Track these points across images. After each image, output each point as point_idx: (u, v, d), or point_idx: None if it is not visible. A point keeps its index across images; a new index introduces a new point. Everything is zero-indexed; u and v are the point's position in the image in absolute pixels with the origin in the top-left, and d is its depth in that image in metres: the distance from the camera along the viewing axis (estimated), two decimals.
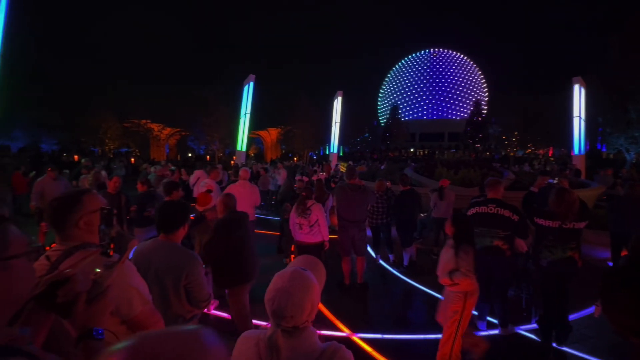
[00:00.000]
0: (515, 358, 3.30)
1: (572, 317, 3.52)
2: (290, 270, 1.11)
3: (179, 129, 35.12)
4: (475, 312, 3.84)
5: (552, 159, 29.79)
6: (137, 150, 33.94)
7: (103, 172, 8.08)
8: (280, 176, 10.80)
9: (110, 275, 0.98)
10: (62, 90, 33.00)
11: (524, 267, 3.94)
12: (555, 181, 5.80)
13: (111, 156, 29.25)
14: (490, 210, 3.44)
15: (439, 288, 4.69)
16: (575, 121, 14.84)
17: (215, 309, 3.96)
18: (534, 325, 3.52)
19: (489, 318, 3.71)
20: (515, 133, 39.05)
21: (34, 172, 9.81)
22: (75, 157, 23.83)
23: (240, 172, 5.45)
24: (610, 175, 12.32)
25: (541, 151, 38.68)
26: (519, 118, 35.01)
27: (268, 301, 1.06)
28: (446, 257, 2.85)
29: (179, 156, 36.47)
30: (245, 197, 5.10)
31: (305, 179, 6.48)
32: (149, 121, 32.17)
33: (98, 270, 0.98)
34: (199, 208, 4.35)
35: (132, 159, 27.06)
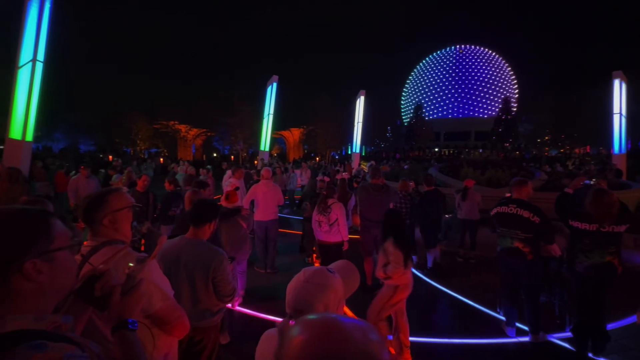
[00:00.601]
0: None
1: (610, 326, 3.31)
2: (316, 268, 1.12)
3: (204, 130, 36.22)
4: (503, 318, 3.72)
5: (588, 158, 28.06)
6: (165, 150, 35.35)
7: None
8: (305, 176, 10.97)
9: (142, 269, 1.04)
10: (98, 94, 35.03)
11: (558, 272, 3.74)
12: (592, 182, 5.47)
13: (142, 156, 30.65)
14: (510, 210, 3.32)
15: (463, 291, 4.59)
16: (616, 118, 13.90)
17: (240, 305, 4.05)
18: (568, 334, 3.34)
19: (518, 324, 3.56)
20: (548, 131, 37.09)
21: (74, 172, 10.48)
22: (110, 157, 25.15)
23: (263, 172, 5.55)
24: None
25: (577, 150, 36.52)
26: (552, 115, 33.23)
27: (289, 300, 1.08)
28: (381, 251, 3.02)
29: (204, 156, 37.58)
30: (269, 196, 5.20)
31: (327, 179, 6.48)
32: (176, 122, 33.43)
33: (131, 264, 1.04)
34: (227, 205, 4.44)
35: (161, 159, 28.20)
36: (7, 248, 0.71)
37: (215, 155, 38.95)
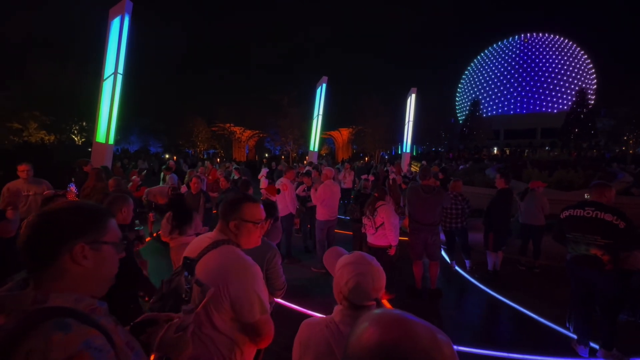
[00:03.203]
0: None
1: None
2: (357, 254, 1.22)
3: (257, 132, 38.00)
4: (574, 335, 3.34)
5: None
6: (222, 151, 37.80)
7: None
8: (349, 178, 10.71)
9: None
10: (165, 100, 38.78)
11: None
12: None
13: (201, 157, 33.18)
14: (588, 214, 2.98)
15: (527, 303, 4.22)
16: None
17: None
18: None
19: (593, 344, 3.17)
20: (634, 126, 32.05)
21: (145, 171, 11.76)
22: (174, 157, 27.67)
23: (326, 172, 5.69)
24: None
25: None
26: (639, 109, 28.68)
27: (360, 283, 1.13)
28: None
29: (257, 157, 39.41)
30: (336, 196, 5.49)
31: (372, 178, 6.39)
32: (232, 125, 35.56)
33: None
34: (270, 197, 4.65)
35: (218, 159, 30.19)
36: (66, 229, 0.82)
37: (266, 155, 40.62)
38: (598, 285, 2.98)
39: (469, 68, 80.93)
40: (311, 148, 16.42)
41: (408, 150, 19.04)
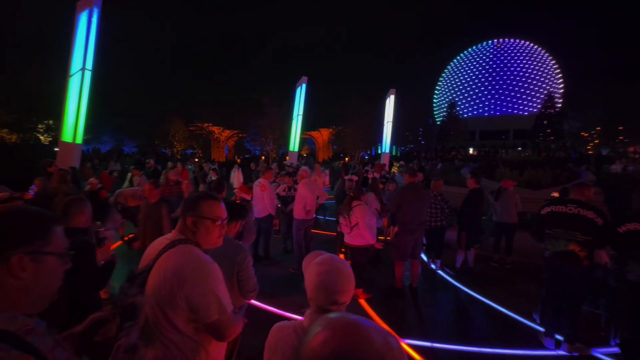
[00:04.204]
0: None
1: None
2: (327, 256, 1.20)
3: (236, 131, 37.44)
4: (540, 328, 3.48)
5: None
6: (200, 151, 36.95)
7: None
8: (319, 181, 10.67)
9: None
10: (140, 99, 37.53)
11: (604, 281, 3.43)
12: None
13: (178, 157, 32.30)
14: (570, 210, 3.08)
15: (498, 298, 4.35)
16: None
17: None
18: (614, 349, 3.06)
19: (558, 336, 3.31)
20: (599, 129, 34.11)
21: (116, 172, 11.28)
22: (145, 158, 26.82)
23: (302, 172, 5.68)
24: None
25: (631, 148, 33.31)
26: (604, 111, 30.53)
27: (322, 282, 1.12)
28: None
29: (236, 157, 38.80)
30: (315, 195, 5.47)
31: (355, 178, 6.44)
32: (210, 124, 34.85)
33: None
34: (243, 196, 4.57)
35: (196, 159, 29.49)
36: (2, 237, 0.74)
37: (247, 156, 40.07)
38: (573, 280, 3.09)
39: (445, 70, 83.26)
40: (291, 148, 16.36)
41: (387, 151, 19.34)
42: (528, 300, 4.02)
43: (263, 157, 31.88)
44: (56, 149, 9.31)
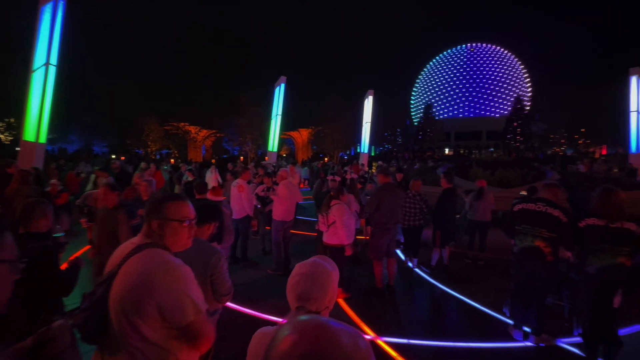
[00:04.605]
0: None
1: (623, 331, 3.18)
2: (311, 260, 1.20)
3: (214, 131, 36.66)
4: (509, 321, 3.63)
5: (603, 158, 27.26)
6: (176, 151, 35.88)
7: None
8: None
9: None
10: (111, 97, 35.97)
11: (566, 275, 3.63)
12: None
13: (152, 157, 31.24)
14: (539, 208, 3.24)
15: (471, 294, 4.50)
16: (633, 116, 13.49)
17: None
18: (577, 339, 3.24)
19: (526, 328, 3.47)
20: (563, 130, 36.20)
21: (84, 173, 10.73)
22: (122, 157, 25.68)
23: (281, 173, 5.62)
24: None
25: (593, 149, 35.54)
26: (568, 114, 32.42)
27: (293, 285, 1.12)
28: None
29: (213, 157, 38.01)
30: (294, 196, 5.41)
31: (338, 178, 6.46)
32: (187, 124, 33.92)
33: None
34: (213, 198, 4.48)
35: (172, 160, 28.62)
36: None
37: (225, 156, 39.33)
38: (539, 275, 3.24)
39: (422, 73, 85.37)
40: (270, 148, 16.21)
41: (366, 151, 19.58)
42: (499, 295, 4.18)
43: (242, 158, 31.44)
44: (18, 149, 8.74)
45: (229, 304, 3.91)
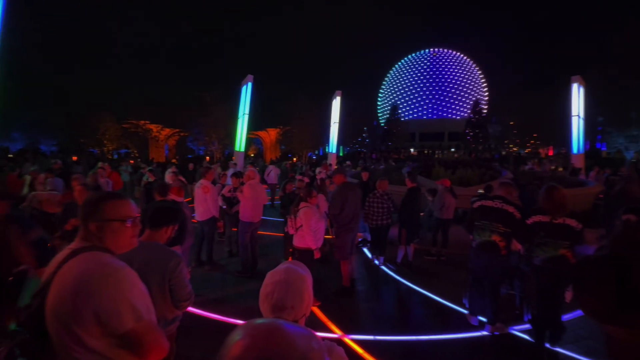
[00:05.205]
0: (508, 357, 3.27)
1: (566, 317, 3.48)
2: (284, 266, 1.16)
3: (177, 130, 35.13)
4: (465, 311, 3.84)
5: (551, 158, 29.79)
6: (135, 151, 33.90)
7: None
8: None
9: None
10: (61, 92, 33.19)
11: (517, 266, 3.91)
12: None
13: (110, 157, 29.31)
14: (495, 204, 3.46)
15: (434, 288, 4.70)
16: (574, 120, 14.81)
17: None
18: (527, 326, 3.49)
19: (481, 318, 3.69)
20: (515, 132, 39.03)
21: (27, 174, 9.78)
22: (74, 157, 23.80)
23: (249, 173, 5.48)
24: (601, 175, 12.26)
25: (541, 150, 38.66)
26: (520, 117, 35.01)
27: (266, 295, 1.08)
28: None
29: (176, 157, 36.43)
30: (261, 196, 5.34)
31: (306, 179, 6.44)
32: (147, 122, 32.18)
33: None
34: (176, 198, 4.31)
35: (132, 161, 27.04)
36: None
37: (190, 156, 37.85)
38: (493, 267, 3.46)
39: (388, 74, 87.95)
40: (237, 148, 15.84)
41: (334, 151, 19.76)
42: (460, 288, 4.39)
43: (208, 158, 30.44)
44: None
45: (192, 309, 3.78)
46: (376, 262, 5.79)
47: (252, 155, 38.39)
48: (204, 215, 5.39)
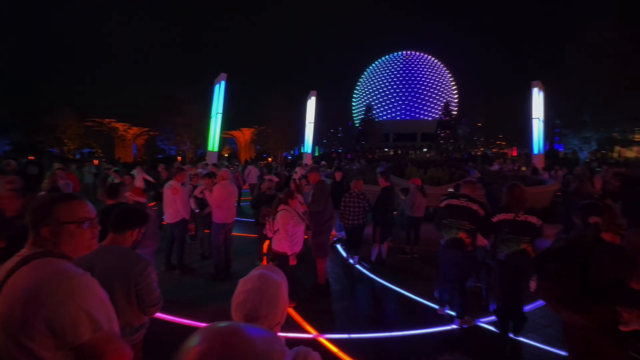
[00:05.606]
0: (476, 349, 3.41)
1: (527, 308, 3.70)
2: (257, 273, 1.10)
3: (146, 129, 33.65)
4: (436, 307, 3.98)
5: (514, 158, 31.56)
6: (100, 150, 32.10)
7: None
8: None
9: None
10: (15, 86, 30.74)
11: (483, 261, 4.10)
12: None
13: (70, 157, 27.57)
14: (461, 203, 3.60)
15: (407, 285, 4.81)
16: (535, 122, 15.77)
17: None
18: (493, 318, 3.67)
19: (451, 312, 3.84)
20: (483, 133, 40.94)
21: None
22: (30, 157, 22.15)
23: (222, 173, 5.36)
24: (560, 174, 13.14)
25: (506, 150, 40.82)
26: (486, 119, 36.78)
27: (239, 305, 1.03)
28: None
29: (144, 157, 34.93)
30: (233, 197, 5.24)
31: (276, 179, 6.37)
32: (113, 120, 30.57)
33: None
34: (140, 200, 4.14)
35: (96, 161, 25.58)
36: None
37: (161, 156, 36.40)
38: (460, 263, 3.61)
39: (363, 76, 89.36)
40: (210, 148, 15.46)
41: (309, 151, 19.78)
42: (432, 284, 4.53)
43: (179, 158, 29.45)
44: None
45: (161, 315, 3.63)
46: (351, 261, 5.84)
47: (226, 155, 37.63)
48: (174, 218, 5.20)
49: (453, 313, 3.81)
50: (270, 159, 31.26)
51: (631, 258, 1.84)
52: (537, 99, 15.71)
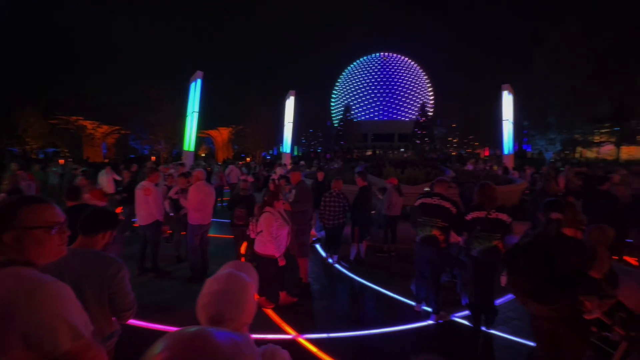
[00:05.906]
0: (451, 343, 3.53)
1: (498, 301, 3.87)
2: (225, 273, 1.07)
3: (117, 127, 32.23)
4: (413, 303, 4.07)
5: (486, 158, 32.90)
6: (66, 150, 30.41)
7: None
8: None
9: None
10: None
11: (457, 257, 4.24)
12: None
13: (33, 157, 25.95)
14: (434, 201, 3.71)
15: (385, 283, 4.90)
16: (505, 124, 16.49)
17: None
18: (467, 312, 3.81)
19: (427, 308, 3.95)
20: (457, 134, 42.42)
21: None
22: None
23: (197, 174, 5.20)
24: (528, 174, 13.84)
25: (479, 151, 42.44)
26: (460, 120, 38.13)
27: (203, 307, 1.00)
28: None
29: (115, 157, 33.45)
30: (210, 198, 5.10)
31: (250, 178, 6.27)
32: (80, 118, 29.04)
33: None
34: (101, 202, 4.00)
35: (62, 161, 24.22)
36: None
37: (133, 156, 34.96)
38: (435, 260, 3.72)
39: (341, 76, 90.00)
40: (186, 147, 15.03)
41: (288, 151, 19.68)
42: (409, 281, 4.63)
43: (153, 158, 28.41)
44: None
45: (134, 321, 3.49)
46: (330, 260, 5.87)
47: (203, 155, 36.75)
48: (146, 220, 5.02)
49: (429, 309, 3.92)
50: (248, 159, 30.82)
51: (589, 250, 1.98)
52: (507, 101, 16.45)
